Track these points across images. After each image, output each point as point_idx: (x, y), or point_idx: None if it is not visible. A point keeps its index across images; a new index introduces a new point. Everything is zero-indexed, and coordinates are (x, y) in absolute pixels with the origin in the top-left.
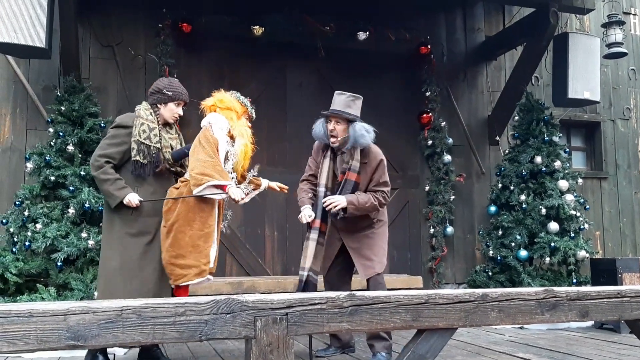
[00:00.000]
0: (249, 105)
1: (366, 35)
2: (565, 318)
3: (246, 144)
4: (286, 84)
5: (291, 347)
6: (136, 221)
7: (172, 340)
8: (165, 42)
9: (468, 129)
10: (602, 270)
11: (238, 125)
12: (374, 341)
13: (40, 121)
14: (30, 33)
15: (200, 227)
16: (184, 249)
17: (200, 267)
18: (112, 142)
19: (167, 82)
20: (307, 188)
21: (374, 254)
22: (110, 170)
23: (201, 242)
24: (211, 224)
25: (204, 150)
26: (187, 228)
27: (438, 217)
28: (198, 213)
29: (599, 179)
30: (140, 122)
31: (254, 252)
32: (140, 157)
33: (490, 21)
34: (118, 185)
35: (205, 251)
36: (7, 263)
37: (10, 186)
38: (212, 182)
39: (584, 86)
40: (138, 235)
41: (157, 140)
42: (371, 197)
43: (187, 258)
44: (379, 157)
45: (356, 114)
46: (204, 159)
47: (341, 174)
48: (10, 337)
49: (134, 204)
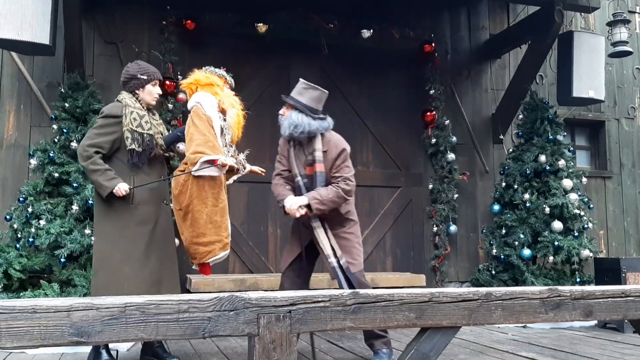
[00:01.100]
0: (226, 74)
1: (370, 33)
2: (569, 317)
3: (237, 113)
4: (290, 82)
5: (294, 344)
6: (137, 209)
7: (175, 337)
8: (169, 39)
9: (472, 127)
10: (606, 270)
11: (225, 97)
12: (373, 340)
13: (44, 118)
14: (35, 30)
15: (214, 203)
16: (204, 227)
17: (223, 241)
18: (101, 132)
19: (136, 66)
20: (282, 182)
21: (353, 258)
22: (100, 161)
23: (218, 217)
24: (223, 198)
25: (197, 129)
26: (203, 206)
27: (441, 216)
28: (210, 190)
29: (603, 178)
30: (129, 110)
31: (256, 250)
32: (135, 145)
33: (495, 19)
34: (108, 176)
35: (224, 224)
36: (10, 259)
37: (14, 182)
38: (205, 158)
39: (589, 85)
40: (141, 224)
41: (149, 127)
42: (333, 188)
43: (208, 235)
44: (340, 146)
45: (307, 102)
46: (197, 138)
47: (308, 167)
48: (14, 332)
49: (122, 192)
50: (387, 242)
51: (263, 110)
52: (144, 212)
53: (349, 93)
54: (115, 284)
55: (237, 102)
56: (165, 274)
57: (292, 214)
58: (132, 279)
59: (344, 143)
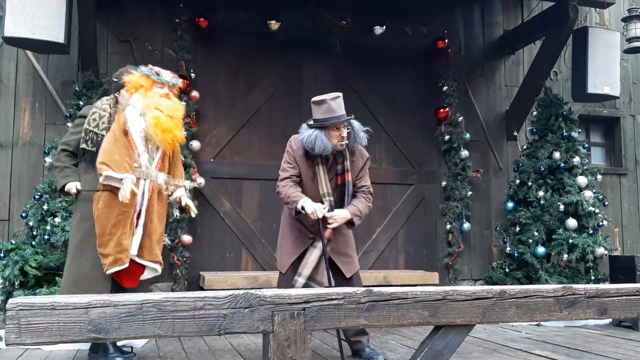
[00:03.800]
0: (154, 74)
1: (383, 30)
2: (584, 315)
3: (156, 115)
4: (302, 79)
5: (309, 342)
6: (82, 205)
7: (191, 333)
8: (182, 37)
9: (485, 124)
10: (620, 268)
11: (148, 99)
12: (360, 337)
13: (58, 116)
14: (50, 29)
15: (111, 215)
16: (102, 237)
17: (115, 256)
18: (72, 131)
19: (122, 69)
20: (292, 184)
21: (351, 249)
22: (64, 158)
23: (115, 230)
24: (124, 210)
25: (111, 134)
26: (104, 216)
27: (455, 213)
28: (110, 200)
29: (618, 175)
30: (92, 110)
31: (269, 247)
32: (87, 145)
33: (509, 15)
34: (64, 173)
35: (118, 239)
36: (26, 256)
37: (29, 180)
38: (108, 173)
39: (604, 81)
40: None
41: (104, 127)
42: (364, 200)
43: (106, 247)
44: (365, 155)
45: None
46: (105, 147)
47: (339, 176)
48: (33, 329)
49: (73, 192)
50: (399, 239)
51: (275, 108)
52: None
53: (361, 90)
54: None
55: (161, 104)
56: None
57: (314, 217)
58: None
59: (366, 152)
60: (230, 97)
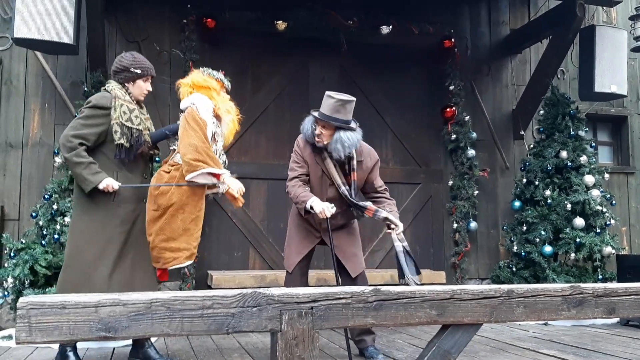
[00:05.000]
0: (223, 78)
1: (389, 30)
2: (592, 315)
3: (233, 120)
4: (309, 79)
5: (316, 340)
6: (119, 207)
7: (200, 332)
8: (189, 37)
9: (492, 123)
10: (628, 267)
11: (221, 102)
12: (365, 336)
13: (68, 116)
14: (59, 30)
15: (191, 211)
16: (176, 232)
17: (191, 250)
18: (87, 123)
19: (131, 58)
20: (301, 184)
21: (357, 248)
22: (84, 153)
23: (192, 226)
24: (201, 207)
25: (196, 134)
26: (180, 211)
27: (461, 212)
28: (191, 196)
29: (626, 174)
30: (119, 102)
31: (276, 246)
32: (124, 140)
33: (516, 14)
34: (92, 170)
35: (196, 234)
36: (36, 255)
37: (39, 180)
38: (207, 170)
39: (611, 80)
40: (120, 223)
41: (138, 122)
42: (392, 203)
43: (178, 241)
44: (375, 157)
45: (346, 118)
46: (197, 144)
47: (346, 176)
48: (43, 327)
49: (113, 188)
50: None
51: (282, 107)
52: (125, 211)
53: (367, 89)
54: (87, 282)
55: (233, 108)
56: (139, 275)
57: (322, 217)
58: (105, 278)
59: (375, 152)
60: (237, 97)
